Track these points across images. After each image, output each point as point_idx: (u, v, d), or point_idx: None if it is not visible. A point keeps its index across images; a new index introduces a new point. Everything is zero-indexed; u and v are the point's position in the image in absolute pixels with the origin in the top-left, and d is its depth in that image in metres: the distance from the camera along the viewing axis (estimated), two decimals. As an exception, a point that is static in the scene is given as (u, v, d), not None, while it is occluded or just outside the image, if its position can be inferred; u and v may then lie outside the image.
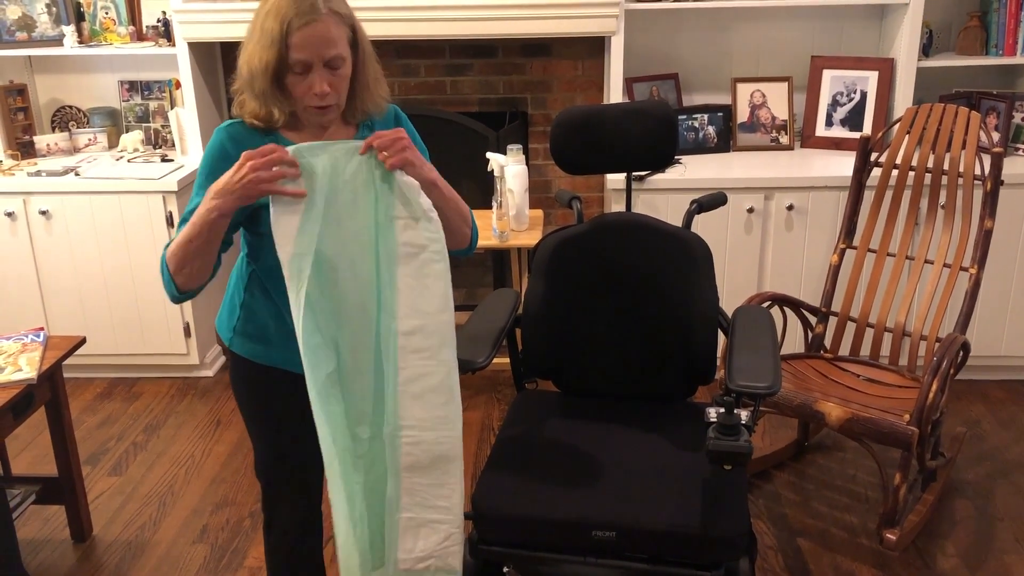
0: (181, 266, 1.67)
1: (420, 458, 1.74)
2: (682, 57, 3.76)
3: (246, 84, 1.69)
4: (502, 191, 3.31)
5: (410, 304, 1.69)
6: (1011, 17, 3.41)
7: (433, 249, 1.69)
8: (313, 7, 1.62)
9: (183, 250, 1.65)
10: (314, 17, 1.62)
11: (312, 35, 1.62)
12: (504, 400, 3.51)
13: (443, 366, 1.72)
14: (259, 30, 1.64)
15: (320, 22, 1.62)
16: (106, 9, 3.73)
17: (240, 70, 1.70)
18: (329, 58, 1.65)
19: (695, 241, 2.19)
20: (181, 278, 1.68)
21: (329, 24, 1.64)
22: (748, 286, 3.44)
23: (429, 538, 1.78)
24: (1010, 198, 3.22)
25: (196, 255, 1.66)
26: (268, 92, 1.67)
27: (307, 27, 1.61)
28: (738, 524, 1.81)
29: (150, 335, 3.61)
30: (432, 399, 1.72)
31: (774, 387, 1.77)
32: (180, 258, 1.66)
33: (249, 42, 1.67)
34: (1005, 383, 3.55)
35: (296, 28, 1.61)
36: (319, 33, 1.63)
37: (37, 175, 3.49)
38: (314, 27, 1.62)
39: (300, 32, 1.61)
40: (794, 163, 3.51)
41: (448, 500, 1.77)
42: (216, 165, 1.70)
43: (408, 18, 3.36)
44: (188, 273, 1.68)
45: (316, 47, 1.63)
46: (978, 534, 2.67)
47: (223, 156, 1.71)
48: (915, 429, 2.38)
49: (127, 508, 2.90)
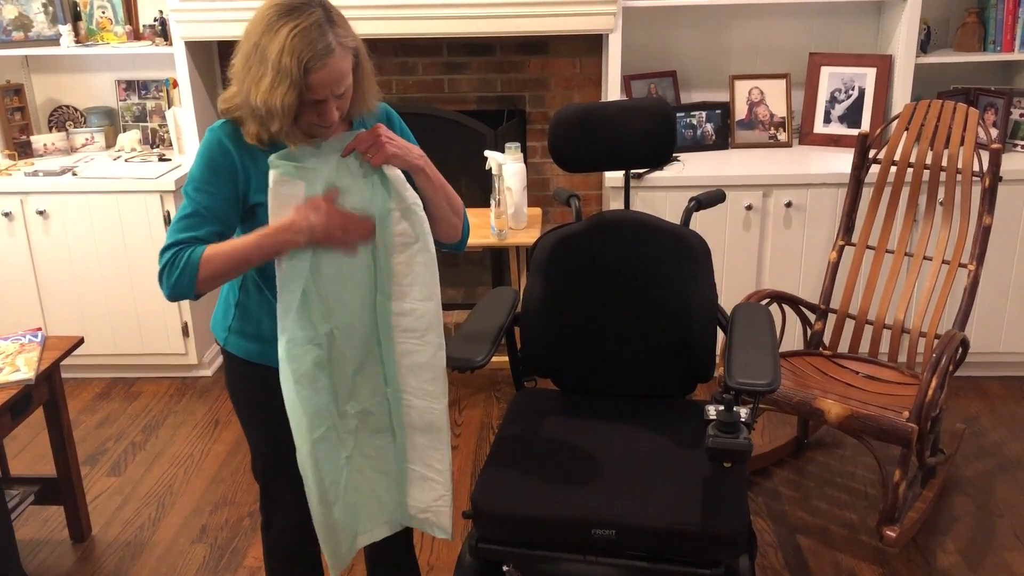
0: (220, 277, 1.69)
1: (415, 420, 1.88)
2: (680, 54, 3.75)
3: (257, 118, 1.66)
4: (500, 189, 3.31)
5: (401, 289, 1.80)
6: (1009, 13, 3.41)
7: (422, 241, 1.79)
8: (328, 47, 1.60)
9: (232, 265, 1.67)
10: (330, 57, 1.61)
11: (329, 75, 1.62)
12: (503, 399, 3.50)
13: (429, 347, 1.83)
14: (275, 68, 1.59)
15: (334, 59, 1.62)
16: (103, 8, 3.72)
17: (253, 105, 1.64)
18: (340, 92, 1.67)
19: (694, 239, 2.18)
20: (209, 285, 1.69)
21: (341, 60, 1.64)
22: (747, 283, 3.43)
23: (427, 493, 1.92)
24: (1008, 194, 3.22)
25: (244, 270, 1.72)
26: (288, 131, 1.66)
27: (324, 68, 1.61)
28: (738, 522, 1.81)
29: (148, 335, 3.60)
30: (420, 374, 1.84)
31: (773, 384, 1.77)
32: (225, 271, 1.68)
33: (260, 76, 1.62)
34: (1004, 379, 3.55)
35: (314, 70, 1.60)
36: (335, 72, 1.63)
37: (34, 175, 3.48)
38: (331, 65, 1.62)
39: (318, 74, 1.61)
40: (792, 160, 3.51)
41: (440, 464, 1.90)
42: (218, 165, 1.70)
43: (406, 16, 3.36)
44: (222, 281, 1.73)
45: (331, 85, 1.64)
46: (978, 530, 2.67)
47: (223, 152, 1.70)
48: (914, 426, 2.37)
49: (126, 508, 2.90)
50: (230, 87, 1.72)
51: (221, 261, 1.66)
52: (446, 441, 1.89)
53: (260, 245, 1.66)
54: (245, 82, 1.65)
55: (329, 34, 1.61)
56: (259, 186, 1.72)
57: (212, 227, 1.70)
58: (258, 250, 1.66)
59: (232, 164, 1.70)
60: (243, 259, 1.67)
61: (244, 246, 1.66)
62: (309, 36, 1.59)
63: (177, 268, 1.66)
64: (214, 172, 1.70)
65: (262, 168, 1.71)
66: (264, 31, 1.62)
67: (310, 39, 1.59)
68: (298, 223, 1.65)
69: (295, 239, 1.66)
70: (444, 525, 1.94)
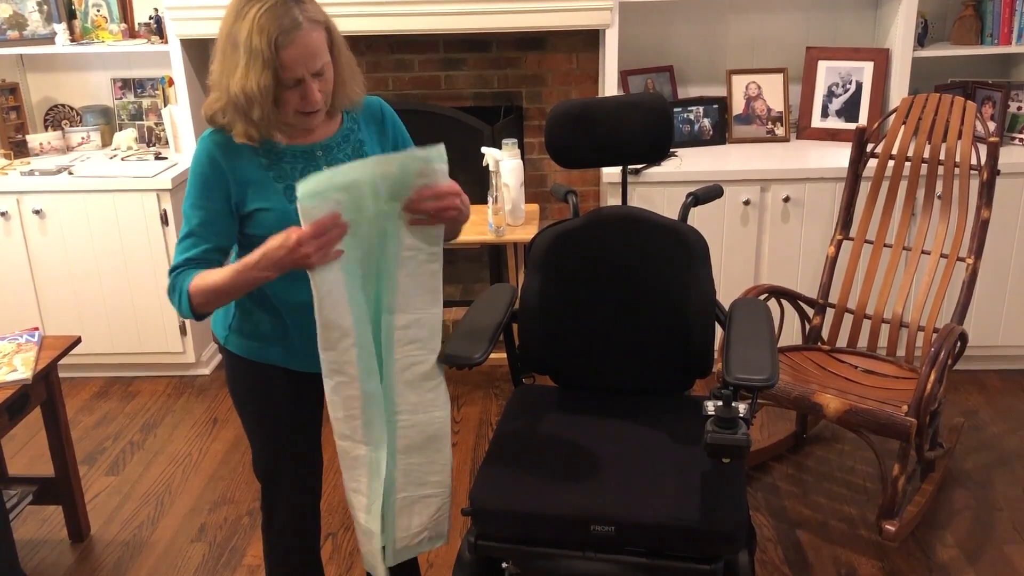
0: (212, 304, 1.71)
1: (415, 439, 1.84)
2: (677, 49, 3.75)
3: (239, 109, 1.65)
4: (498, 186, 3.30)
5: (407, 300, 1.76)
6: (1006, 6, 3.40)
7: (431, 251, 1.76)
8: (294, 20, 1.61)
9: (216, 297, 1.68)
10: (297, 30, 1.61)
11: (300, 50, 1.62)
12: (502, 395, 3.50)
13: (432, 353, 1.82)
14: (246, 51, 1.60)
15: (303, 33, 1.62)
16: (98, 7, 3.71)
17: (232, 95, 1.64)
18: (317, 68, 1.66)
19: (691, 234, 2.18)
20: (206, 311, 1.72)
21: (311, 33, 1.63)
22: (745, 278, 3.43)
23: (423, 513, 1.90)
24: (1006, 187, 3.22)
25: (232, 298, 1.74)
26: (271, 117, 1.66)
27: (293, 44, 1.60)
28: (737, 517, 1.81)
29: (146, 334, 3.60)
30: (423, 384, 1.82)
31: (772, 379, 1.76)
32: (214, 301, 1.70)
33: (234, 64, 1.62)
34: (1003, 373, 3.55)
35: (284, 45, 1.60)
36: (306, 45, 1.62)
37: (30, 174, 3.47)
38: (300, 41, 1.61)
39: (288, 50, 1.60)
40: (790, 155, 3.51)
41: (439, 475, 1.89)
42: (209, 179, 1.71)
43: (402, 12, 3.35)
44: (215, 307, 1.74)
45: (305, 60, 1.63)
46: (977, 524, 2.67)
47: (213, 166, 1.70)
48: (913, 420, 2.37)
49: (125, 507, 2.89)
50: (211, 93, 1.71)
51: (206, 292, 1.68)
52: (447, 449, 1.88)
53: (235, 281, 1.65)
54: (223, 78, 1.66)
55: (295, 9, 1.61)
56: (254, 194, 1.72)
57: (208, 244, 1.72)
58: (235, 285, 1.66)
59: (221, 177, 1.71)
60: (223, 293, 1.68)
61: (223, 281, 1.66)
62: (275, 13, 1.60)
63: (176, 293, 1.71)
64: (205, 187, 1.71)
65: (253, 174, 1.71)
66: (234, 20, 1.63)
67: (276, 15, 1.60)
68: (262, 261, 1.61)
69: (263, 275, 1.63)
70: (442, 533, 1.94)
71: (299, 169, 1.75)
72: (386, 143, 1.90)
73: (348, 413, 1.76)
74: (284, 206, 1.73)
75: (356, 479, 1.82)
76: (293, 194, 1.71)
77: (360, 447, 1.79)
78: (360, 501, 1.84)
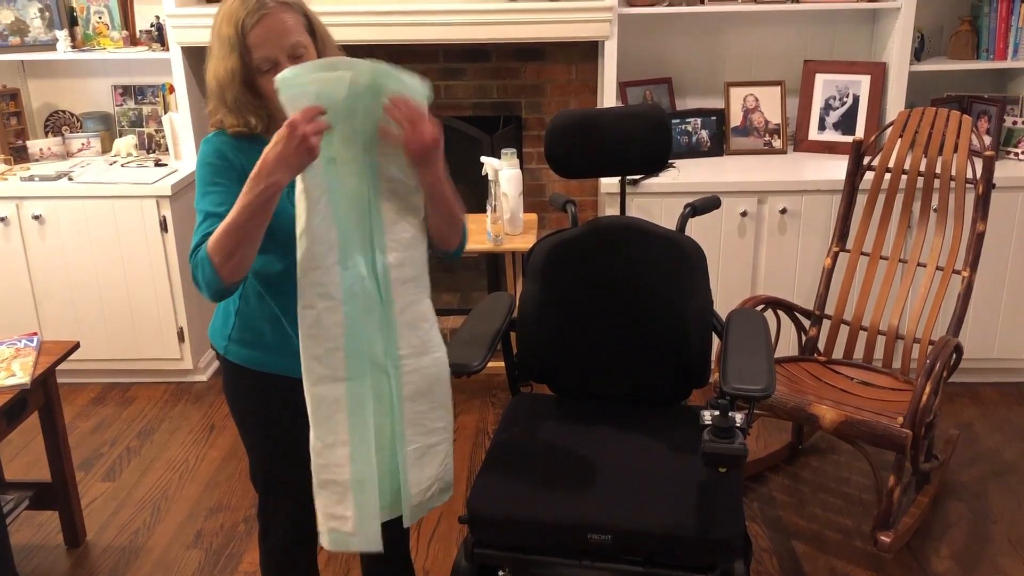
0: (231, 254, 1.60)
1: (420, 384, 1.78)
2: (675, 61, 3.77)
3: (218, 98, 1.70)
4: (496, 195, 3.32)
5: (393, 238, 1.73)
6: (1002, 21, 3.43)
7: (411, 184, 1.71)
8: (261, 3, 1.64)
9: (234, 237, 1.59)
10: (264, 11, 1.64)
11: (267, 30, 1.64)
12: (499, 404, 3.51)
13: (425, 291, 1.78)
14: (217, 39, 1.66)
15: (271, 15, 1.64)
16: (99, 14, 3.73)
17: (209, 86, 1.71)
18: (289, 48, 1.66)
19: (689, 244, 2.19)
20: (229, 269, 1.61)
21: (280, 14, 1.65)
22: (742, 289, 3.44)
23: (432, 463, 1.83)
24: (1002, 201, 3.24)
25: (248, 240, 1.61)
26: (241, 100, 1.68)
27: (260, 23, 1.63)
28: (733, 527, 1.81)
29: (144, 340, 3.60)
30: (422, 325, 1.78)
31: (768, 390, 1.77)
32: (232, 246, 1.59)
33: (211, 56, 1.69)
34: (998, 385, 3.56)
35: (250, 27, 1.63)
36: (273, 26, 1.64)
37: (30, 180, 3.48)
38: (267, 21, 1.64)
39: (255, 30, 1.63)
40: (787, 167, 3.52)
41: (444, 420, 1.83)
42: (219, 167, 1.70)
43: (402, 22, 3.37)
44: (238, 261, 1.62)
45: (274, 41, 1.65)
46: (972, 536, 2.68)
47: (221, 156, 1.71)
48: (909, 431, 2.38)
49: (121, 513, 2.89)
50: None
51: (224, 238, 1.59)
52: (448, 391, 1.82)
53: (245, 205, 1.57)
54: (207, 71, 1.70)
55: None
56: None
57: None
58: (246, 210, 1.57)
59: (231, 165, 1.71)
60: (237, 225, 1.58)
61: (233, 216, 1.59)
62: (244, 1, 1.64)
63: (200, 268, 1.63)
64: (216, 173, 1.70)
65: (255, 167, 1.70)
66: (216, 15, 1.68)
67: (244, 2, 1.64)
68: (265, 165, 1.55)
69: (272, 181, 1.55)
70: (449, 482, 1.87)
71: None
72: None
73: (330, 345, 1.68)
74: (285, 206, 1.70)
75: (333, 430, 1.71)
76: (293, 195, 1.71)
77: (339, 386, 1.70)
78: (340, 454, 1.72)
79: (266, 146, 1.64)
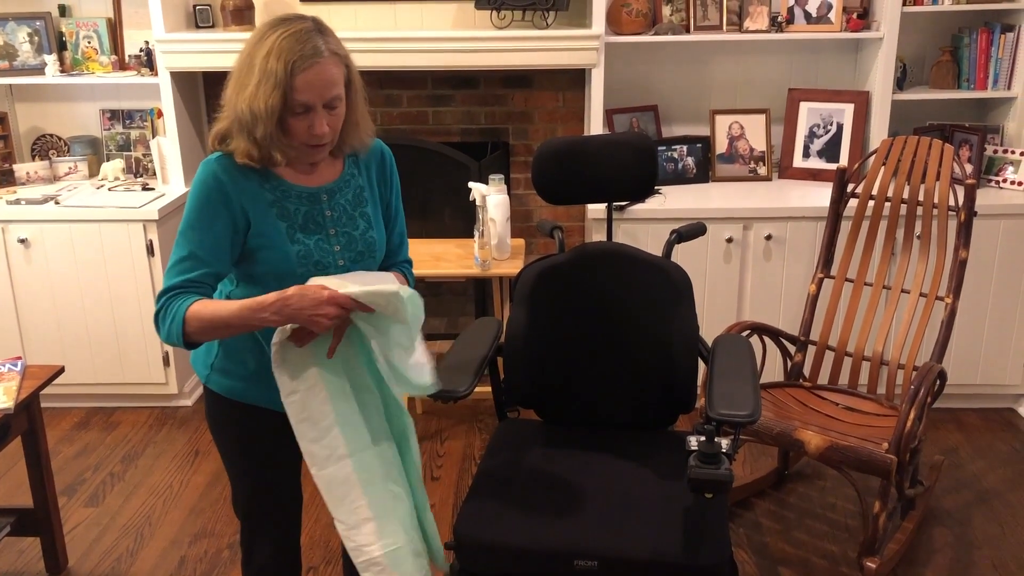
0: (210, 337, 1.68)
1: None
2: (661, 89, 3.81)
3: (243, 127, 1.66)
4: (484, 220, 3.33)
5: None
6: (981, 52, 3.48)
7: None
8: (316, 49, 1.62)
9: (213, 329, 1.66)
10: (318, 59, 1.62)
11: (316, 78, 1.62)
12: (486, 429, 3.50)
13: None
14: (260, 71, 1.61)
15: (322, 63, 1.62)
16: (88, 38, 3.74)
17: (239, 112, 1.65)
18: (330, 99, 1.66)
19: (675, 270, 2.21)
20: (197, 339, 1.68)
21: (330, 65, 1.64)
22: (727, 315, 3.46)
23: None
24: (984, 228, 3.27)
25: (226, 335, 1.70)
26: (273, 136, 1.65)
27: (311, 69, 1.61)
28: (719, 553, 1.81)
29: (128, 364, 3.58)
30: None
31: (754, 415, 1.78)
32: (207, 333, 1.66)
33: (247, 83, 1.63)
34: (981, 411, 3.58)
35: (300, 70, 1.60)
36: (323, 76, 1.63)
37: (16, 203, 3.47)
38: (318, 69, 1.62)
39: (304, 74, 1.61)
40: (772, 194, 3.56)
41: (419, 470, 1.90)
42: (214, 201, 1.68)
43: (391, 49, 3.39)
44: (208, 339, 1.70)
45: (319, 89, 1.63)
46: (957, 561, 2.68)
47: (219, 189, 1.68)
48: (894, 457, 2.39)
49: (104, 539, 2.86)
50: (220, 115, 1.72)
51: (204, 323, 1.63)
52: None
53: (241, 318, 1.63)
54: (232, 95, 1.66)
55: (318, 39, 1.63)
56: (257, 226, 1.70)
57: (206, 268, 1.67)
58: (239, 322, 1.64)
59: (227, 197, 1.68)
60: (224, 325, 1.65)
61: (228, 316, 1.63)
62: (298, 38, 1.61)
63: (168, 317, 1.65)
64: (209, 205, 1.67)
65: (257, 205, 1.70)
66: (256, 43, 1.65)
67: (298, 40, 1.61)
68: (277, 304, 1.61)
69: (273, 319, 1.62)
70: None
71: (302, 212, 1.74)
72: (384, 188, 1.90)
73: (324, 424, 1.71)
74: (285, 246, 1.71)
75: (353, 510, 1.73)
76: (295, 234, 1.72)
77: (345, 463, 1.72)
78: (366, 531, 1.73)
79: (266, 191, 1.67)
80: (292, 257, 1.71)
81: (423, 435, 3.45)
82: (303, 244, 1.73)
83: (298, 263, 1.72)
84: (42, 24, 3.69)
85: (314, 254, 1.74)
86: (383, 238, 1.88)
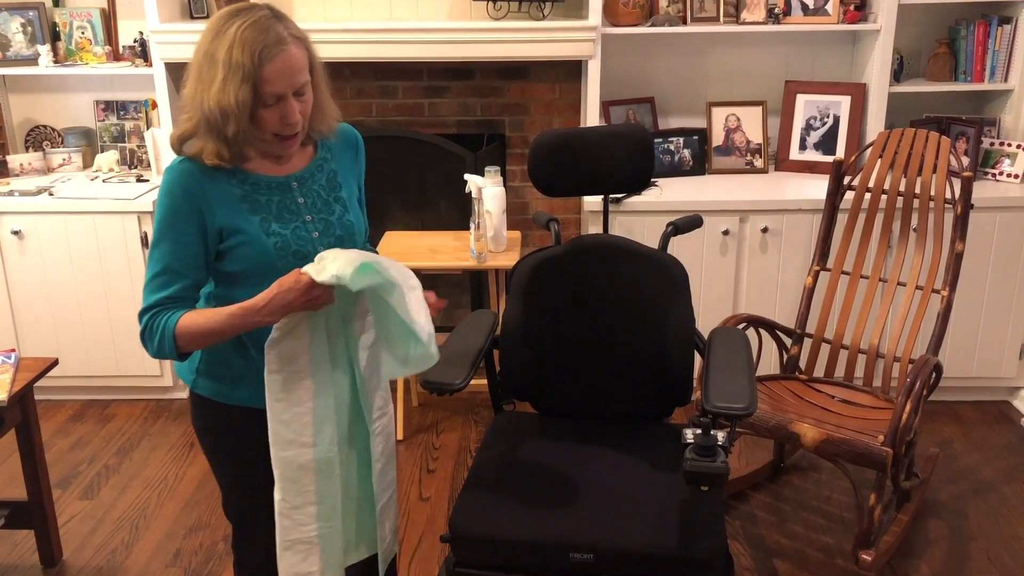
0: (199, 345, 1.68)
1: (385, 445, 1.88)
2: (658, 81, 3.80)
3: (212, 126, 1.61)
4: (480, 212, 3.32)
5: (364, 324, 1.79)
6: (978, 44, 3.48)
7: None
8: (279, 36, 1.59)
9: (205, 340, 1.66)
10: (283, 46, 1.59)
11: (284, 65, 1.60)
12: (481, 422, 3.50)
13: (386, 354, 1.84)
14: (225, 65, 1.57)
15: (288, 50, 1.60)
16: (82, 29, 3.72)
17: (206, 111, 1.60)
18: (299, 85, 1.64)
19: (671, 263, 2.20)
20: (191, 349, 1.68)
21: (295, 51, 1.62)
22: (724, 307, 3.46)
23: (390, 515, 1.93)
24: (980, 221, 3.27)
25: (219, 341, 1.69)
26: (246, 132, 1.62)
27: (279, 57, 1.59)
28: (715, 545, 1.82)
29: (123, 357, 3.57)
30: (382, 383, 1.86)
31: (750, 408, 1.78)
32: (199, 344, 1.67)
33: (211, 80, 1.59)
34: (977, 404, 3.59)
35: (268, 60, 1.57)
36: (290, 62, 1.61)
37: (10, 195, 3.46)
38: (284, 56, 1.60)
39: (272, 64, 1.58)
40: (768, 186, 3.55)
41: (392, 472, 1.92)
42: (182, 210, 1.65)
43: (387, 40, 3.38)
44: (202, 347, 1.71)
45: (288, 77, 1.61)
46: (952, 554, 2.69)
47: (186, 197, 1.65)
48: (889, 450, 2.40)
49: (98, 532, 2.86)
50: (181, 116, 1.68)
51: (196, 334, 1.64)
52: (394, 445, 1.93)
53: (233, 324, 1.63)
54: (197, 94, 1.62)
55: (278, 25, 1.61)
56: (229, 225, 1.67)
57: (184, 281, 1.66)
58: (232, 328, 1.64)
59: (194, 206, 1.65)
60: (216, 336, 1.65)
61: (218, 325, 1.63)
62: (259, 28, 1.58)
63: (156, 335, 1.64)
64: (177, 218, 1.65)
65: (227, 204, 1.67)
66: (212, 38, 1.61)
67: (260, 30, 1.58)
68: (270, 305, 1.60)
69: (267, 320, 1.62)
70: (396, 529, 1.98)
71: (275, 201, 1.72)
72: (357, 172, 1.90)
73: (298, 410, 1.72)
74: (261, 239, 1.69)
75: (301, 492, 1.76)
76: (269, 226, 1.70)
77: (307, 451, 1.74)
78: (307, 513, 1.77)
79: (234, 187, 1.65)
80: (270, 251, 1.69)
81: (419, 428, 3.45)
82: (279, 235, 1.71)
83: (277, 256, 1.70)
84: (35, 14, 3.67)
85: (292, 244, 1.71)
86: (360, 221, 1.87)
